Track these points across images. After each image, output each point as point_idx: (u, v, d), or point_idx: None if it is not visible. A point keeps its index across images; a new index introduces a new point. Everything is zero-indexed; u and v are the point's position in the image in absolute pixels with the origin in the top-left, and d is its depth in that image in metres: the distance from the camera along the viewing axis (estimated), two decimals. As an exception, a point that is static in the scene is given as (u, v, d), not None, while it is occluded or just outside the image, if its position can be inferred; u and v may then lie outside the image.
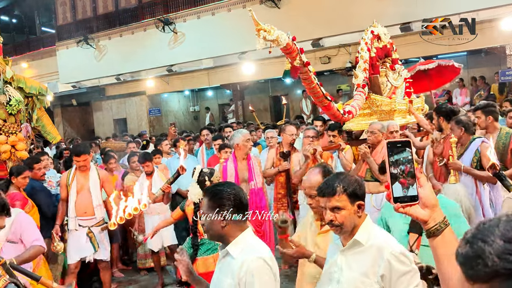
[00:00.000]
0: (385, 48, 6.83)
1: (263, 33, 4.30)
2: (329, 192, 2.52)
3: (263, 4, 14.32)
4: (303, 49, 4.83)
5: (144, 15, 17.41)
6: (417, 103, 7.30)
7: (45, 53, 21.08)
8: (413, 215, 1.52)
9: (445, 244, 1.50)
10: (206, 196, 2.58)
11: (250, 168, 5.81)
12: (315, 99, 5.26)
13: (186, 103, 22.01)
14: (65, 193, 6.04)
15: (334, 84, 17.81)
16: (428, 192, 1.52)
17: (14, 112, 7.08)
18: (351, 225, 2.52)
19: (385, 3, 12.39)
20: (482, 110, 5.53)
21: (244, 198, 2.54)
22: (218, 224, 2.47)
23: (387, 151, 1.51)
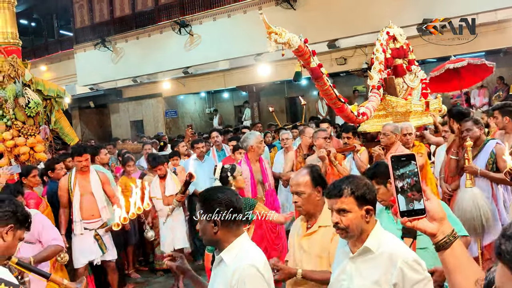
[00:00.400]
0: (401, 49, 6.80)
1: (274, 36, 4.31)
2: (335, 194, 2.48)
3: (278, 5, 14.31)
4: (315, 51, 4.84)
5: (161, 17, 17.52)
6: (434, 104, 7.24)
7: (63, 56, 21.34)
8: (421, 229, 1.50)
9: (455, 256, 1.48)
10: (198, 201, 2.53)
11: (263, 170, 5.83)
12: (328, 101, 5.25)
13: (202, 105, 22.08)
14: (66, 198, 5.94)
15: (350, 85, 17.73)
16: (435, 205, 1.51)
17: (33, 114, 7.18)
18: (357, 230, 2.45)
19: (402, 4, 12.30)
20: (499, 110, 5.49)
21: (238, 203, 2.47)
22: (211, 230, 2.42)
23: (391, 165, 1.50)
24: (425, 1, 12.06)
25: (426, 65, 15.80)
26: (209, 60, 16.41)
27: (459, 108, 5.64)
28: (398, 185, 1.49)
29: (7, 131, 7.11)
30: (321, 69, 4.91)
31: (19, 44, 7.88)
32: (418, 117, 6.66)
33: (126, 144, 13.24)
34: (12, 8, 7.86)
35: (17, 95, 7.13)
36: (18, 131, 7.14)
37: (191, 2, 16.85)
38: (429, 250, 3.18)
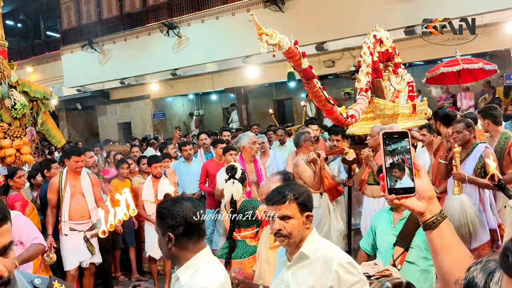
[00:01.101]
0: (387, 52, 6.84)
1: (265, 37, 4.30)
2: (279, 200, 2.44)
3: (267, 8, 14.35)
4: (305, 53, 4.84)
5: (149, 19, 17.47)
6: (420, 106, 7.29)
7: (50, 57, 21.19)
8: (409, 207, 1.48)
9: (442, 236, 1.47)
10: (156, 215, 2.39)
11: (258, 170, 5.81)
12: (318, 103, 5.26)
13: (190, 107, 22.04)
14: (55, 198, 5.89)
15: (339, 87, 17.80)
16: (425, 184, 1.48)
17: (19, 116, 7.10)
18: (299, 236, 2.44)
19: (389, 7, 12.39)
20: (481, 113, 5.55)
21: (195, 217, 2.28)
22: (165, 245, 2.27)
23: (382, 141, 1.47)
24: (411, 4, 12.16)
25: (413, 68, 15.92)
26: (197, 62, 16.40)
27: (446, 111, 5.67)
28: (388, 161, 1.46)
29: (-8, 133, 7.04)
30: (312, 70, 4.92)
31: (5, 45, 7.80)
32: (405, 119, 6.71)
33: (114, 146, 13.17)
34: (-2, 9, 7.78)
35: (3, 97, 7.05)
36: (4, 133, 7.05)
37: (179, 4, 16.83)
38: (417, 265, 3.16)
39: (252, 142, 5.99)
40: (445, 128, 5.46)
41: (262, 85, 17.85)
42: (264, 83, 17.38)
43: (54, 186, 5.93)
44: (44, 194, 6.13)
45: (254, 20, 4.17)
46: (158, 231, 2.33)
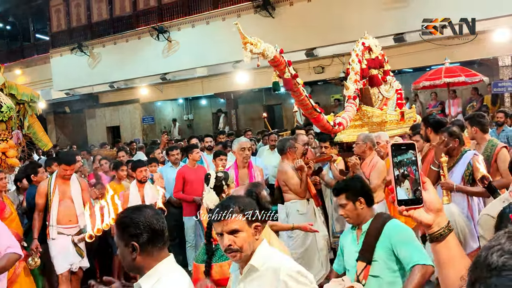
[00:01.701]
0: (376, 59, 6.87)
1: (249, 46, 4.30)
2: (225, 215, 2.38)
3: (257, 13, 14.37)
4: (290, 62, 4.85)
5: (139, 23, 17.43)
6: (409, 114, 7.32)
7: (39, 60, 21.06)
8: (417, 219, 1.49)
9: (448, 249, 1.48)
10: (115, 226, 2.31)
11: (251, 176, 5.77)
12: (305, 111, 5.26)
13: (180, 112, 21.99)
14: (43, 203, 5.84)
15: (328, 94, 17.87)
16: (432, 196, 1.49)
17: (5, 119, 7.04)
18: (250, 249, 2.38)
19: (379, 14, 12.47)
20: (468, 120, 5.56)
21: (158, 224, 2.23)
22: (129, 256, 2.20)
23: (391, 153, 1.50)
24: (401, 12, 12.24)
25: (402, 75, 16.01)
26: (187, 67, 16.38)
27: (436, 118, 5.67)
28: (396, 173, 1.49)
29: (-22, 136, 6.97)
30: (297, 79, 4.91)
31: (-8, 47, 7.74)
32: (393, 126, 6.73)
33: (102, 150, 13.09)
34: (-15, 10, 7.73)
35: (-11, 99, 6.99)
36: (-11, 136, 7.00)
37: (169, 8, 16.82)
38: (382, 278, 3.08)
39: (240, 148, 5.96)
40: (436, 135, 5.47)
41: (252, 90, 17.87)
42: (254, 88, 17.39)
43: (43, 190, 5.88)
44: (31, 198, 6.06)
45: (238, 29, 4.17)
46: (119, 243, 2.24)
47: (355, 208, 3.26)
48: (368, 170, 5.45)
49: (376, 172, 5.40)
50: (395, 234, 3.10)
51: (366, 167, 5.48)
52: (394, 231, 3.12)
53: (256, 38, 4.35)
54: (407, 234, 3.12)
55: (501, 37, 11.70)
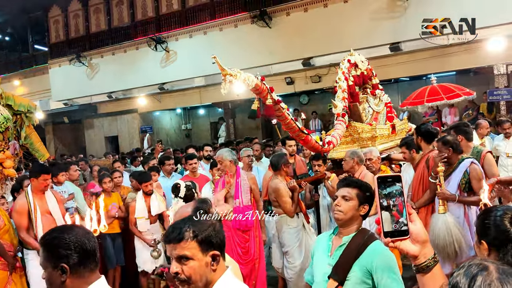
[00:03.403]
0: (362, 75, 6.94)
1: (229, 77, 4.38)
2: (174, 237, 2.05)
3: (254, 23, 14.48)
4: (273, 88, 4.93)
5: (137, 33, 17.52)
6: (401, 125, 7.37)
7: (37, 70, 21.13)
8: (404, 250, 1.51)
9: (434, 280, 1.51)
10: (41, 248, 2.13)
11: (237, 185, 5.78)
12: (292, 133, 5.33)
13: (178, 121, 22.03)
14: (26, 221, 5.53)
15: (325, 102, 17.91)
16: (418, 227, 1.51)
17: (2, 129, 7.06)
18: (201, 280, 2.03)
19: (375, 24, 12.56)
20: (454, 129, 5.64)
21: (90, 244, 2.09)
22: (57, 279, 2.04)
23: (377, 185, 1.51)
24: (396, 21, 12.34)
25: (399, 83, 16.09)
26: (185, 77, 16.46)
27: (428, 127, 5.71)
28: (383, 204, 1.50)
29: (-25, 147, 6.99)
30: (281, 104, 4.98)
31: (-11, 58, 7.79)
32: (385, 140, 6.76)
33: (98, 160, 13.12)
34: (-17, 22, 7.78)
35: (-14, 110, 7.02)
36: (-14, 147, 7.02)
37: (167, 19, 16.91)
38: None
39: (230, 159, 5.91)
40: (426, 144, 5.52)
41: (250, 100, 17.87)
42: (251, 97, 17.41)
43: (23, 208, 5.56)
44: None
45: (217, 61, 4.25)
46: (46, 265, 2.06)
47: (356, 209, 3.01)
48: None
49: None
50: (378, 257, 2.84)
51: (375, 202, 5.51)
52: (378, 254, 2.85)
53: (235, 69, 4.43)
54: (391, 261, 2.85)
55: (497, 46, 11.77)
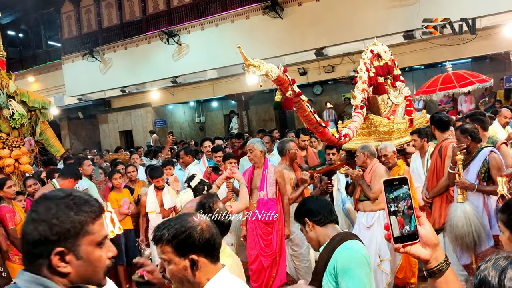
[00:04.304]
0: (386, 66, 6.81)
1: (252, 68, 4.34)
2: (154, 239, 2.02)
3: (266, 14, 14.40)
4: (294, 80, 4.87)
5: (149, 27, 17.54)
6: (419, 119, 7.26)
7: (51, 66, 21.26)
8: (414, 255, 1.48)
9: (447, 284, 1.48)
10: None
11: (263, 177, 5.74)
12: (309, 126, 5.28)
13: (192, 114, 22.07)
14: None
15: (339, 92, 17.83)
16: (428, 230, 1.48)
17: (17, 126, 7.13)
18: (182, 283, 1.97)
19: (388, 12, 12.42)
20: (470, 118, 5.56)
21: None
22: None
23: (384, 189, 1.47)
24: (410, 9, 12.18)
25: (413, 72, 15.94)
26: (197, 69, 16.44)
27: (441, 116, 5.64)
28: (391, 209, 1.46)
29: (-9, 144, 7.07)
30: (301, 96, 4.94)
31: (3, 55, 7.83)
32: (401, 135, 6.66)
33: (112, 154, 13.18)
34: (-4, 19, 7.84)
35: (1, 107, 7.09)
36: (2, 143, 7.09)
37: (179, 12, 16.89)
38: None
39: (260, 150, 5.88)
40: (440, 133, 5.46)
41: (263, 91, 17.87)
42: (265, 89, 17.40)
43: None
44: None
45: (241, 52, 4.20)
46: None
47: (306, 231, 2.93)
48: (369, 177, 5.49)
49: (376, 178, 5.42)
50: (339, 259, 2.70)
51: (367, 175, 5.52)
52: (339, 256, 2.71)
53: (258, 60, 4.40)
54: (350, 261, 2.69)
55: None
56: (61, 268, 1.45)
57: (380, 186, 1.52)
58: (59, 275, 1.46)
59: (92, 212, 1.51)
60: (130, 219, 6.96)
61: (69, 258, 1.46)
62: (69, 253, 1.46)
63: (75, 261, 1.47)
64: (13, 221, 5.43)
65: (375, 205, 5.46)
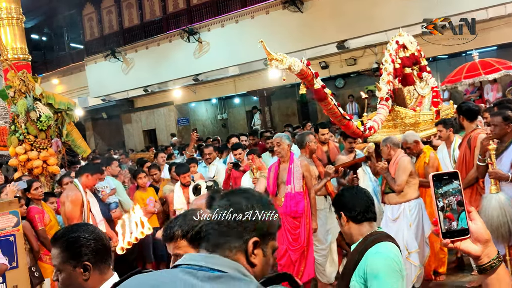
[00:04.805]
0: (412, 56, 6.72)
1: (275, 62, 4.33)
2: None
3: (286, 9, 14.34)
4: (318, 73, 4.84)
5: (169, 26, 17.63)
6: (446, 110, 7.15)
7: (74, 68, 21.53)
8: (464, 250, 1.43)
9: (499, 281, 1.43)
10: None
11: (289, 171, 5.72)
12: (334, 119, 5.26)
13: (214, 111, 22.13)
14: (79, 212, 5.60)
15: (361, 85, 17.65)
16: (480, 226, 1.43)
17: (44, 128, 7.25)
18: None
19: (407, 2, 12.24)
20: (497, 107, 5.44)
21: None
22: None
23: (433, 184, 1.43)
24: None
25: (437, 62, 15.70)
26: (218, 67, 16.47)
27: (469, 105, 5.53)
28: (440, 204, 1.42)
29: (19, 146, 7.19)
30: (325, 89, 4.90)
31: (28, 59, 7.97)
32: (428, 126, 6.57)
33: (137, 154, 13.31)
34: (21, 23, 7.96)
35: (28, 110, 7.21)
36: (30, 145, 7.22)
37: (199, 10, 16.95)
38: None
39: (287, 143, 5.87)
40: (469, 123, 5.34)
41: (285, 86, 17.81)
42: (286, 84, 17.34)
43: (79, 199, 5.64)
44: None
45: (263, 46, 4.20)
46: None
47: (340, 224, 2.82)
48: (393, 169, 5.44)
49: (399, 170, 5.37)
50: (369, 263, 2.59)
51: (392, 167, 5.46)
52: (372, 260, 2.59)
53: (281, 54, 4.38)
54: (380, 266, 2.56)
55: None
56: (251, 258, 1.46)
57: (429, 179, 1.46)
58: (250, 265, 1.47)
59: None
60: (156, 218, 7.02)
61: (257, 251, 1.48)
62: (260, 247, 1.48)
63: (261, 256, 1.49)
64: (42, 222, 5.52)
65: (400, 197, 5.41)
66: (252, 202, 1.51)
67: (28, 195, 5.67)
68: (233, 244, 1.46)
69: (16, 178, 6.68)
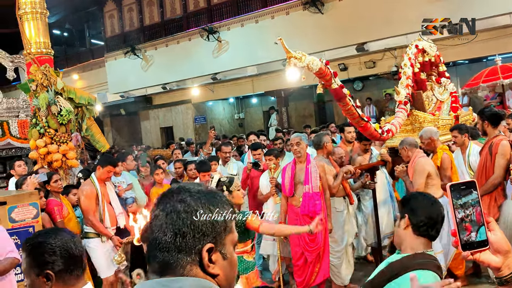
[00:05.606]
0: (430, 61, 6.68)
1: (293, 60, 4.32)
2: None
3: (306, 10, 14.33)
4: (336, 73, 4.83)
5: (189, 24, 17.73)
6: (465, 117, 7.09)
7: (94, 64, 21.76)
8: (484, 262, 1.40)
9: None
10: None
11: (307, 171, 5.72)
12: (352, 120, 5.24)
13: (231, 111, 22.19)
14: (94, 205, 5.73)
15: (380, 88, 17.57)
16: (500, 237, 1.40)
17: (64, 122, 7.34)
18: None
19: (429, 5, 12.15)
20: None
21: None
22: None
23: (451, 194, 1.40)
24: (452, 2, 11.88)
25: (457, 67, 15.55)
26: (237, 66, 16.51)
27: (493, 110, 5.46)
28: (458, 215, 1.39)
29: (40, 139, 7.29)
30: (343, 89, 4.89)
31: (51, 53, 8.06)
32: (446, 131, 6.53)
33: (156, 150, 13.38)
34: (44, 18, 8.06)
35: (49, 104, 7.30)
36: (50, 139, 7.31)
37: (219, 9, 17.02)
38: None
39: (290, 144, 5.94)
40: (493, 129, 5.27)
41: (303, 88, 17.79)
42: (304, 85, 17.31)
43: (92, 193, 5.75)
44: None
45: (282, 44, 4.19)
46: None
47: (399, 225, 2.59)
48: (411, 172, 5.40)
49: (416, 174, 5.36)
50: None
51: (410, 169, 5.45)
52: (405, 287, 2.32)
53: (300, 52, 4.37)
54: None
55: None
56: (210, 269, 1.24)
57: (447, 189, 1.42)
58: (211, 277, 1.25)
59: None
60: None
61: (215, 257, 1.26)
62: (216, 251, 1.26)
63: (221, 261, 1.27)
64: (61, 214, 5.60)
65: None
66: (191, 203, 1.27)
67: (48, 187, 5.75)
68: (184, 260, 1.23)
69: (36, 170, 6.79)
